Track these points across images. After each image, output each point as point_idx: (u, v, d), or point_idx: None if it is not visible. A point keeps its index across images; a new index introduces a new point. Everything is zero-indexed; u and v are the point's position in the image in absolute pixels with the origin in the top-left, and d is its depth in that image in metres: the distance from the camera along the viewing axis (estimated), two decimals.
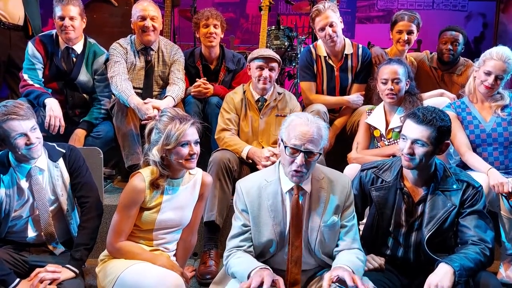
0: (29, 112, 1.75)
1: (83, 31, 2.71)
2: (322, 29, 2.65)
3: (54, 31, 2.68)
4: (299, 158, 1.53)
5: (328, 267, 1.64)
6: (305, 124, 1.56)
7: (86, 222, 1.85)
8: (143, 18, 2.66)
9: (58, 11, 2.57)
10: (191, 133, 1.71)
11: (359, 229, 1.91)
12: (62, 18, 2.57)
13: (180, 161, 1.71)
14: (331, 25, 2.64)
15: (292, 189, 1.62)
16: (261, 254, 1.65)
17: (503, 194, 2.06)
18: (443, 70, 2.99)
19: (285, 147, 1.56)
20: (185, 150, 1.70)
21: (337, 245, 1.65)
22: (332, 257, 1.65)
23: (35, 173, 1.81)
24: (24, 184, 1.80)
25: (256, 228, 1.63)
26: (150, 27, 2.66)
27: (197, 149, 1.73)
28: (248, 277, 1.47)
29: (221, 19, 2.87)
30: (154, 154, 1.71)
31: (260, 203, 1.63)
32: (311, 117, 1.60)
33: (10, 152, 1.80)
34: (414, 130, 1.65)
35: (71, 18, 2.57)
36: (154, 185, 1.73)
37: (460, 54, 2.95)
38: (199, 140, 1.75)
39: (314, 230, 1.61)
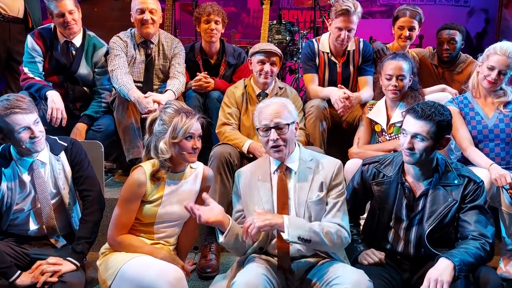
0: (31, 105, 1.75)
1: (82, 24, 2.69)
2: (339, 29, 2.59)
3: (52, 24, 2.67)
4: (272, 134, 1.67)
5: (329, 257, 1.67)
6: (267, 106, 1.72)
7: (88, 216, 1.85)
8: (142, 11, 2.65)
9: (54, 9, 2.55)
10: (196, 127, 1.73)
11: (359, 224, 1.92)
12: (61, 15, 2.55)
13: (183, 153, 1.71)
14: (349, 30, 2.60)
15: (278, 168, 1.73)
16: None
17: (505, 187, 2.06)
18: (444, 68, 2.97)
19: (258, 130, 1.73)
20: (189, 144, 1.71)
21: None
22: None
23: (37, 167, 1.81)
24: (26, 177, 1.80)
25: (248, 208, 1.73)
26: (149, 20, 2.65)
27: (199, 143, 1.74)
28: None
29: (222, 15, 2.85)
30: (163, 149, 1.70)
31: (251, 182, 1.75)
32: (274, 99, 1.78)
33: (12, 146, 1.80)
34: (414, 125, 1.65)
35: (70, 12, 2.56)
36: (155, 177, 1.73)
37: (460, 50, 2.93)
38: (201, 134, 1.76)
39: (301, 206, 1.69)
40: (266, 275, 1.56)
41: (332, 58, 2.76)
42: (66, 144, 1.89)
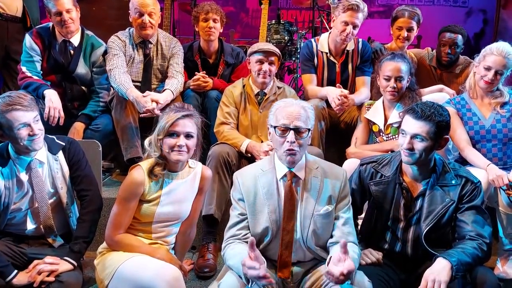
0: (32, 103, 1.75)
1: (80, 24, 2.69)
2: (346, 23, 2.59)
3: (51, 24, 2.66)
4: (290, 135, 1.60)
5: (324, 260, 1.64)
6: (290, 105, 1.65)
7: (86, 215, 1.85)
8: (141, 14, 2.64)
9: (52, 7, 2.55)
10: (183, 124, 1.70)
11: (357, 223, 1.92)
12: (59, 14, 2.55)
13: (167, 151, 1.70)
14: (354, 27, 2.60)
15: (285, 175, 1.66)
16: (257, 243, 1.65)
17: (503, 187, 2.07)
18: (442, 69, 2.98)
19: (275, 128, 1.64)
20: (172, 141, 1.69)
21: (331, 236, 1.65)
22: (326, 249, 1.66)
23: (35, 166, 1.80)
24: (23, 176, 1.80)
25: (252, 217, 1.66)
26: (147, 23, 2.64)
27: (186, 141, 1.70)
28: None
29: (220, 14, 2.85)
30: (149, 146, 1.70)
31: (256, 192, 1.66)
32: (295, 100, 1.70)
33: (9, 144, 1.80)
34: (413, 126, 1.66)
35: (68, 11, 2.56)
36: (152, 173, 1.72)
37: (459, 54, 2.93)
38: (192, 134, 1.73)
39: (307, 218, 1.63)
40: None
41: (331, 58, 2.76)
42: (64, 144, 1.89)
